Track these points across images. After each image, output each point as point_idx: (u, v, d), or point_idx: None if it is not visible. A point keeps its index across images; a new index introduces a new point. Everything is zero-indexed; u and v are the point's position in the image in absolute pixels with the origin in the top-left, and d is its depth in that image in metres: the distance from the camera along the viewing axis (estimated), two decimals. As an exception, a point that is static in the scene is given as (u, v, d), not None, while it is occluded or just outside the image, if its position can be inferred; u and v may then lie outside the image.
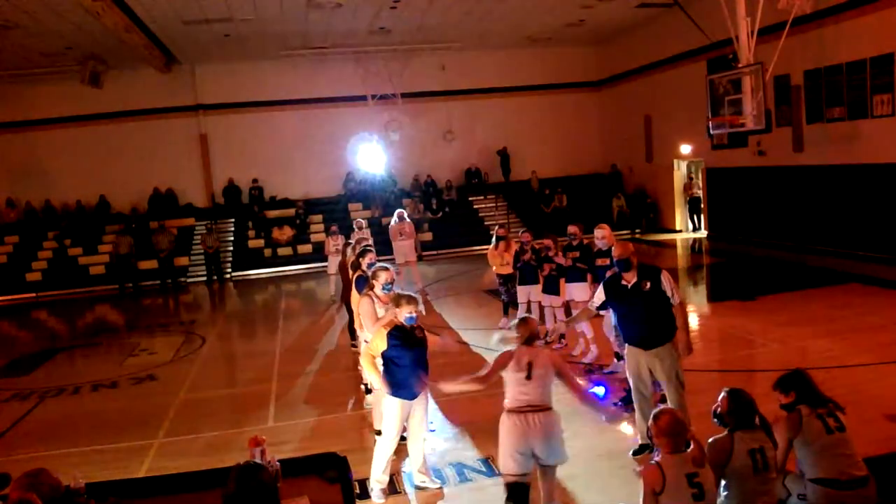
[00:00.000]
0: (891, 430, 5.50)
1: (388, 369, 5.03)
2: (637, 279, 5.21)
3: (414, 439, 5.23)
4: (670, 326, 5.22)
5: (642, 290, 5.16)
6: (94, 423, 7.50)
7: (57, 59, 17.42)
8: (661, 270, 5.28)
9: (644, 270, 5.26)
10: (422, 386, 5.03)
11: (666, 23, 17.95)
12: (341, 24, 16.88)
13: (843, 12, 12.94)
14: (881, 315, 9.20)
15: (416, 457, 5.25)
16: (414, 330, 5.04)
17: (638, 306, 5.21)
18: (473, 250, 19.65)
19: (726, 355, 8.08)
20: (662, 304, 5.17)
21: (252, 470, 2.94)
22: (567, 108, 22.89)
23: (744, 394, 3.87)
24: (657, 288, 5.15)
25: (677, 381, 5.22)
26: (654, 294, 5.15)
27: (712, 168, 17.88)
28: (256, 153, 20.90)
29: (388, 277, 5.84)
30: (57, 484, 3.14)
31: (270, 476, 3.05)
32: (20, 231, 19.37)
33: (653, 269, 5.31)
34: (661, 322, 5.19)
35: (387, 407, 5.10)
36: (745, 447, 3.69)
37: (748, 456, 3.67)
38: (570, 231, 8.33)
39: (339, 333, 10.75)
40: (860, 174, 13.08)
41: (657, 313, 5.18)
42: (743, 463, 3.66)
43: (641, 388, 5.37)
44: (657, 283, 5.16)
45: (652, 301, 5.16)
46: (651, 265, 5.46)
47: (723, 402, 3.86)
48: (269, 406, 7.56)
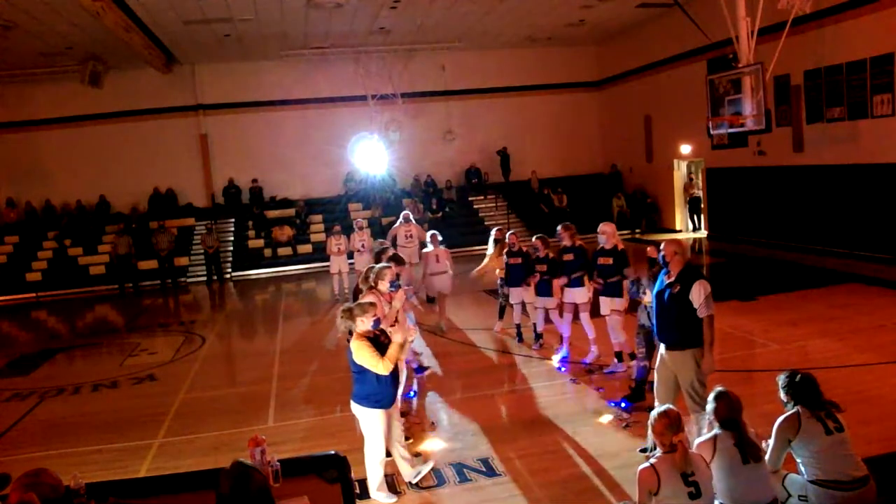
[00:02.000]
0: (891, 430, 5.49)
1: (366, 380, 4.95)
2: (674, 279, 5.21)
3: (396, 441, 5.24)
4: (688, 335, 5.15)
5: (672, 290, 5.19)
6: (94, 423, 7.50)
7: (57, 59, 17.42)
8: (699, 279, 5.15)
9: (685, 273, 5.21)
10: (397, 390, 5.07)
11: (666, 23, 17.95)
12: (341, 24, 16.88)
13: (843, 12, 12.94)
14: (881, 315, 9.19)
15: (403, 456, 5.28)
16: (379, 336, 5.02)
17: (664, 304, 5.26)
18: (473, 250, 19.63)
19: (726, 355, 8.07)
20: (685, 309, 5.12)
21: (244, 469, 2.94)
22: (567, 108, 22.90)
23: (728, 395, 3.88)
24: (685, 293, 5.12)
25: (693, 392, 5.16)
26: (680, 298, 5.14)
27: (712, 168, 17.88)
28: (256, 153, 20.91)
29: (393, 275, 5.99)
30: (57, 484, 3.14)
31: (263, 475, 3.04)
32: (20, 231, 19.38)
33: (692, 275, 5.20)
34: (680, 326, 5.15)
35: (367, 420, 5.03)
36: (730, 440, 3.76)
37: (735, 449, 3.73)
38: (559, 231, 8.28)
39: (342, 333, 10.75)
40: (860, 174, 13.08)
41: (678, 317, 5.15)
42: (732, 456, 3.72)
43: (662, 386, 5.38)
44: (687, 288, 5.12)
45: (676, 303, 5.15)
46: (696, 271, 5.36)
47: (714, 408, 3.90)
48: (269, 406, 7.57)
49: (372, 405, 4.99)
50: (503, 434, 6.19)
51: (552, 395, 7.34)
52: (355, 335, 5.00)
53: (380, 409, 5.00)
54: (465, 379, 7.96)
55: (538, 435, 6.12)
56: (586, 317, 8.11)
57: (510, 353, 8.98)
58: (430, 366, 8.45)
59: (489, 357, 8.89)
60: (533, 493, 5.08)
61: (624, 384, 7.04)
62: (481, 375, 8.07)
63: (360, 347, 4.90)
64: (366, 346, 4.88)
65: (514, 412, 6.89)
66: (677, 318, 5.17)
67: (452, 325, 10.79)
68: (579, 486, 5.14)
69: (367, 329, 4.96)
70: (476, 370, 8.32)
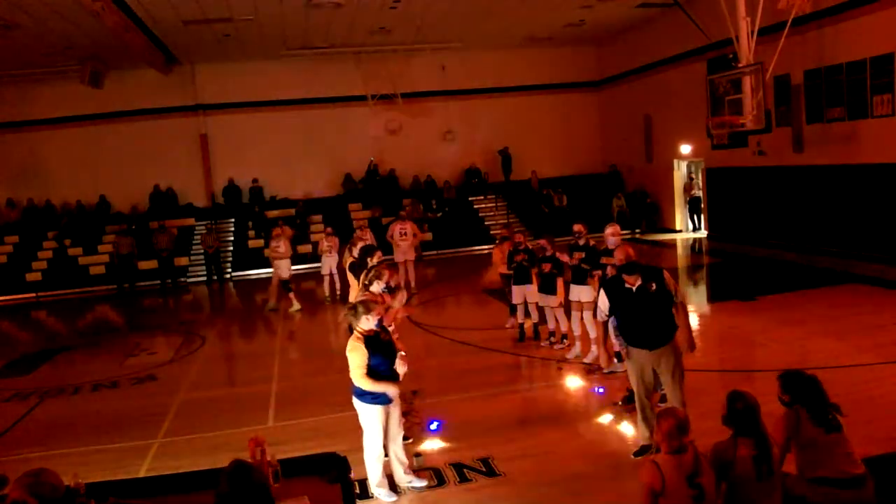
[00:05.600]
0: (891, 430, 5.49)
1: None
2: (642, 281, 5.22)
3: (393, 441, 5.22)
4: (672, 325, 5.28)
5: (649, 291, 5.19)
6: (94, 423, 7.50)
7: (57, 59, 17.40)
8: (662, 270, 5.35)
9: (647, 272, 5.28)
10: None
11: (666, 23, 17.95)
12: (341, 24, 16.88)
13: (843, 12, 12.93)
14: (881, 315, 9.19)
15: (399, 458, 5.26)
16: (379, 334, 5.03)
17: (643, 308, 5.22)
18: (473, 250, 19.67)
19: (726, 355, 8.08)
20: (666, 303, 5.23)
21: (244, 469, 2.94)
22: (567, 108, 22.89)
23: (744, 397, 3.77)
24: (662, 288, 5.19)
25: (679, 376, 5.27)
26: (659, 294, 5.18)
27: (712, 168, 17.87)
28: (256, 153, 20.90)
29: (389, 277, 5.92)
30: (58, 484, 3.14)
31: (262, 475, 3.05)
32: (20, 231, 19.37)
33: (655, 270, 5.36)
34: (664, 321, 5.25)
35: (366, 415, 5.05)
36: (747, 453, 3.63)
37: (751, 463, 3.61)
38: (576, 230, 8.24)
39: (342, 333, 10.75)
40: (860, 174, 13.07)
41: (661, 313, 5.23)
42: (745, 469, 3.61)
43: (643, 392, 5.39)
44: (661, 283, 5.20)
45: (657, 301, 5.20)
46: (651, 266, 5.51)
47: (725, 406, 3.81)
48: (269, 406, 7.57)
49: (370, 401, 5.00)
50: (503, 434, 6.18)
51: (552, 395, 7.35)
52: (354, 333, 5.01)
53: (378, 406, 5.00)
54: (465, 379, 7.96)
55: (538, 435, 6.12)
56: (589, 316, 8.12)
57: (510, 353, 8.97)
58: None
59: (489, 357, 8.88)
60: (533, 493, 5.08)
61: (624, 384, 7.03)
62: (481, 375, 8.06)
63: (353, 349, 4.94)
64: (358, 349, 4.90)
65: (514, 412, 6.89)
66: (661, 316, 5.22)
67: (453, 325, 10.77)
68: (579, 486, 5.13)
69: (369, 327, 4.96)
70: (476, 370, 8.31)
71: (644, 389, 5.37)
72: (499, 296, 11.54)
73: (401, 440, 5.30)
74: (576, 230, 8.26)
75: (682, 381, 5.30)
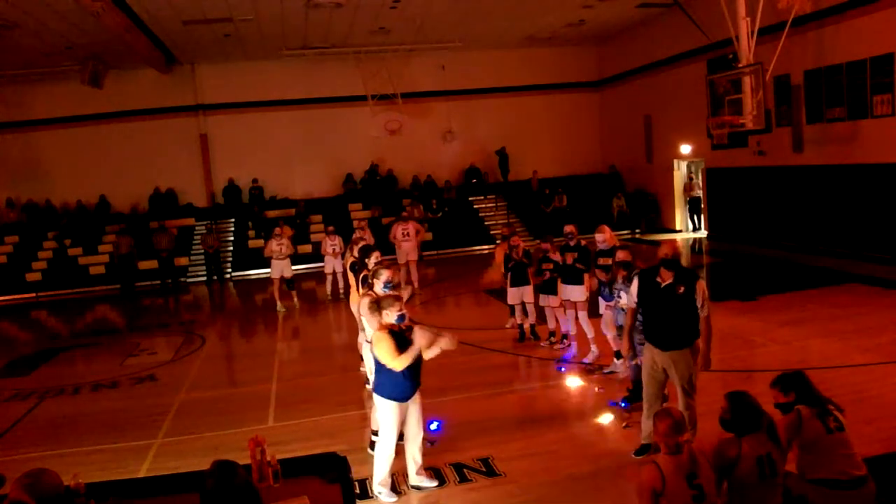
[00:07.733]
0: (891, 430, 5.49)
1: (383, 372, 5.01)
2: (673, 281, 5.16)
3: (412, 441, 5.22)
4: (691, 333, 5.18)
5: (676, 292, 5.13)
6: (94, 423, 7.49)
7: (57, 59, 17.41)
8: (698, 278, 5.21)
9: (682, 274, 5.22)
10: (417, 387, 5.05)
11: (666, 23, 17.95)
12: (341, 24, 16.88)
13: (843, 12, 12.94)
14: (881, 315, 9.19)
15: (414, 458, 5.25)
16: (404, 331, 5.04)
17: (664, 306, 5.19)
18: (473, 250, 19.68)
19: (726, 355, 8.07)
20: (690, 310, 5.13)
21: (226, 466, 2.94)
22: (567, 108, 22.89)
23: (745, 397, 3.79)
24: (690, 294, 5.11)
25: (689, 386, 5.20)
26: (685, 299, 5.12)
27: (712, 168, 17.87)
28: (256, 153, 20.90)
29: (389, 276, 5.91)
30: (58, 483, 3.14)
31: (246, 473, 3.04)
32: (20, 231, 19.37)
33: (692, 275, 5.26)
34: (684, 327, 5.16)
35: (382, 410, 5.07)
36: (752, 453, 3.64)
37: (755, 462, 3.62)
38: (567, 231, 8.31)
39: (343, 333, 10.76)
40: (860, 174, 13.07)
41: (683, 318, 5.15)
42: (750, 470, 3.62)
43: (652, 386, 5.36)
44: (691, 289, 5.12)
45: (681, 305, 5.13)
46: (691, 271, 5.43)
47: (725, 407, 3.80)
48: (269, 406, 7.56)
49: (386, 396, 5.01)
50: (503, 434, 6.18)
51: (552, 395, 7.35)
52: (378, 327, 5.04)
53: (394, 402, 5.01)
54: (465, 379, 7.95)
55: (538, 435, 6.12)
56: (584, 315, 8.14)
57: (510, 353, 8.97)
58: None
59: (489, 357, 8.88)
60: (533, 493, 5.08)
61: (624, 384, 7.03)
62: (481, 375, 8.06)
63: (380, 339, 4.95)
64: (385, 339, 4.92)
65: (514, 412, 6.89)
66: (681, 320, 5.15)
67: (453, 325, 10.77)
68: (579, 486, 5.13)
69: (390, 322, 4.98)
70: (476, 370, 8.31)
71: (652, 385, 5.35)
72: (499, 296, 11.54)
73: (420, 441, 5.26)
74: (567, 231, 8.30)
75: (692, 390, 5.20)
